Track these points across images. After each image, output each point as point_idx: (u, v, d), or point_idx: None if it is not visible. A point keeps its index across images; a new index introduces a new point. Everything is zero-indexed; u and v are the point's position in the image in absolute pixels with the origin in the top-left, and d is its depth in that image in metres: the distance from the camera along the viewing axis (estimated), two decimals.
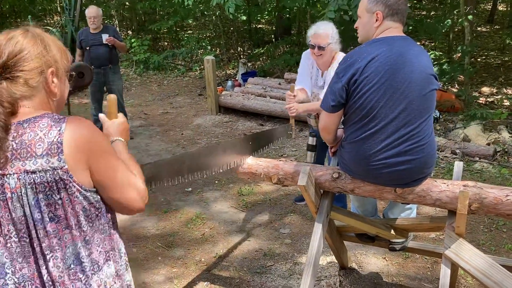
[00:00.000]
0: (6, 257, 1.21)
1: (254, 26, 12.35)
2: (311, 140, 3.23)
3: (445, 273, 2.08)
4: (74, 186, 1.20)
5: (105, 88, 6.02)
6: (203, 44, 11.53)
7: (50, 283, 1.22)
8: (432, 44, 10.28)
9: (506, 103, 7.09)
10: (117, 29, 13.67)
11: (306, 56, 3.40)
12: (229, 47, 11.74)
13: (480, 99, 7.44)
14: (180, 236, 3.63)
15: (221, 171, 2.44)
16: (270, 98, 7.24)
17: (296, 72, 3.71)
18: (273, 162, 2.51)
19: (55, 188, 1.19)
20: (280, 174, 2.45)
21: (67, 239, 1.23)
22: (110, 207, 1.34)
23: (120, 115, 1.54)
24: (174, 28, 12.02)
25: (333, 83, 2.15)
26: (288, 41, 10.40)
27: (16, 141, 1.18)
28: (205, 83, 7.41)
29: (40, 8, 15.33)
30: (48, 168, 1.17)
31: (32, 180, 1.17)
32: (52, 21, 14.36)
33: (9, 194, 1.18)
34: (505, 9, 14.04)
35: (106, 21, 14.50)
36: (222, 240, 3.56)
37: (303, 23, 10.40)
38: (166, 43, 13.05)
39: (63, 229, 1.22)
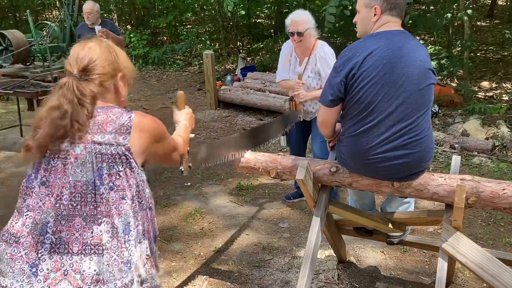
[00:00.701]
0: (52, 217, 1.34)
1: (253, 20, 12.32)
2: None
3: (442, 266, 2.09)
4: (133, 162, 1.40)
5: None
6: (202, 38, 11.51)
7: (99, 247, 1.33)
8: (432, 38, 10.27)
9: (505, 97, 7.09)
10: (116, 23, 13.63)
11: (284, 47, 3.63)
12: (228, 42, 11.72)
13: (479, 93, 7.44)
14: (179, 230, 3.65)
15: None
16: (270, 92, 7.24)
17: None
18: (272, 156, 2.52)
19: (117, 160, 1.38)
20: (279, 169, 2.46)
21: (122, 208, 1.38)
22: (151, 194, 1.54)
23: (187, 107, 1.95)
24: (173, 22, 12.00)
25: (332, 77, 2.16)
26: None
27: (91, 121, 1.40)
28: (204, 77, 7.40)
29: (39, 2, 15.28)
30: (114, 142, 1.38)
31: (98, 150, 1.37)
32: (51, 16, 14.32)
33: (71, 159, 1.36)
34: (504, 3, 14.00)
35: (105, 16, 14.45)
36: (221, 234, 3.58)
37: None
38: (165, 38, 13.02)
39: (120, 198, 1.38)
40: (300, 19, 3.34)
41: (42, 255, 1.32)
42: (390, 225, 2.56)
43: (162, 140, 1.54)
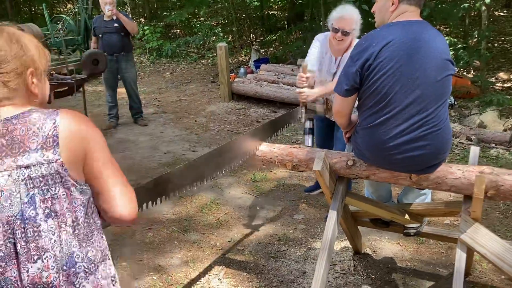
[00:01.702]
0: None
1: (266, 12, 12.26)
2: (308, 124, 3.19)
3: (460, 257, 2.09)
4: (70, 181, 1.17)
5: (119, 76, 6.06)
6: (216, 31, 11.51)
7: (39, 287, 1.15)
8: (448, 29, 10.12)
9: None
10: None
11: (320, 41, 3.27)
12: (242, 34, 11.70)
13: (497, 84, 7.33)
14: (195, 221, 3.68)
15: (240, 162, 2.50)
16: (283, 84, 7.23)
17: None
18: (287, 149, 2.52)
19: (51, 182, 1.15)
20: (295, 161, 2.46)
21: (62, 237, 1.17)
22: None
23: None
24: (187, 15, 12.00)
25: (347, 67, 2.15)
26: (300, 27, 10.31)
27: (6, 138, 1.14)
28: (218, 70, 7.41)
29: None
30: (43, 161, 1.14)
31: (26, 175, 1.13)
32: (65, 9, 14.43)
33: None
34: None
35: (119, 9, 14.52)
36: (236, 225, 3.60)
37: (316, 9, 10.29)
38: (178, 31, 13.04)
39: (60, 225, 1.17)
40: (350, 17, 3.00)
41: None
42: (406, 216, 2.55)
43: (98, 150, 1.23)
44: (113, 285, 1.32)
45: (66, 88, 5.39)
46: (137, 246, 3.32)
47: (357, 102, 2.25)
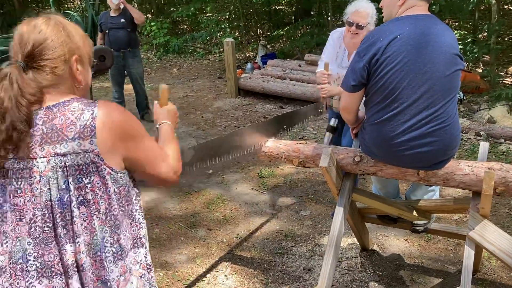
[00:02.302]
0: (29, 243, 1.20)
1: (273, 7, 12.20)
2: (333, 122, 3.18)
3: (469, 254, 2.06)
4: (105, 169, 1.21)
5: (125, 72, 6.06)
6: (223, 26, 11.47)
7: (74, 269, 1.21)
8: (457, 23, 10.02)
9: None
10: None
11: (333, 37, 3.28)
12: (249, 29, 11.66)
13: (507, 79, 7.24)
14: (201, 217, 3.68)
15: (256, 148, 2.56)
16: (290, 80, 7.20)
17: (317, 54, 3.66)
18: (293, 145, 2.50)
19: (85, 171, 1.19)
20: (301, 158, 2.44)
21: (95, 224, 1.22)
22: (139, 193, 1.37)
23: (170, 103, 1.60)
24: (194, 11, 11.98)
25: (354, 62, 2.13)
26: (308, 22, 10.25)
27: (47, 126, 1.18)
28: (225, 66, 7.39)
29: None
30: (80, 151, 1.18)
31: (63, 163, 1.18)
32: (72, 5, 14.47)
33: (37, 178, 1.18)
34: None
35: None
36: (243, 221, 3.60)
37: (324, 4, 10.23)
38: (185, 26, 13.03)
39: (92, 214, 1.21)
40: (365, 11, 3.02)
41: (30, 284, 1.20)
42: (414, 213, 2.53)
43: (136, 139, 1.28)
44: (148, 272, 1.36)
45: None
46: None
47: (364, 98, 2.23)
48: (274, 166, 4.58)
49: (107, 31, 5.81)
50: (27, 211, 1.20)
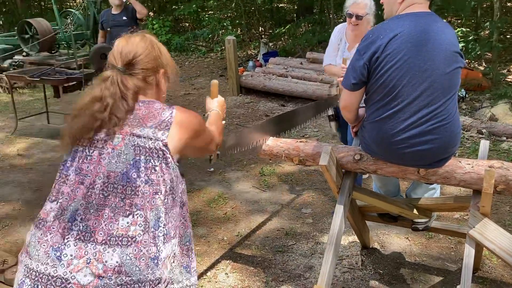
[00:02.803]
0: (82, 205, 1.34)
1: (275, 5, 12.18)
2: (331, 111, 3.35)
3: (469, 253, 2.06)
4: (169, 158, 1.40)
5: None
6: (224, 24, 11.46)
7: (124, 239, 1.32)
8: (459, 21, 9.98)
9: None
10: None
11: (336, 31, 3.44)
12: (250, 27, 11.65)
13: (509, 77, 7.22)
14: (202, 215, 3.68)
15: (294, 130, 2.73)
16: (292, 78, 7.19)
17: (318, 52, 3.70)
18: (293, 143, 2.50)
19: (155, 155, 1.37)
20: (301, 156, 2.44)
21: (155, 203, 1.36)
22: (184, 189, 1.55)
23: (219, 96, 1.91)
24: (196, 9, 11.97)
25: (355, 60, 2.12)
26: (310, 20, 10.23)
27: (132, 114, 1.41)
28: (226, 63, 7.40)
29: None
30: (152, 137, 1.38)
31: (136, 142, 1.37)
32: (74, 4, 14.47)
33: (109, 150, 1.37)
34: None
35: (128, 3, 14.49)
36: (244, 219, 3.60)
37: (325, 1, 10.21)
38: (187, 24, 13.03)
39: (154, 193, 1.36)
40: (362, 2, 3.19)
41: (68, 241, 1.31)
42: (415, 211, 2.52)
43: (201, 135, 1.54)
44: (173, 261, 1.45)
45: (75, 82, 5.41)
46: None
47: (364, 96, 2.23)
48: (275, 164, 4.58)
49: (108, 29, 5.81)
50: (89, 176, 1.36)
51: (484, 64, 7.68)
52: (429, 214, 2.62)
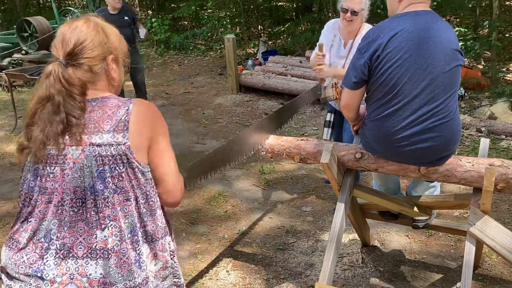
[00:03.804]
0: (54, 224, 1.28)
1: (274, 3, 12.18)
2: (329, 117, 3.27)
3: (469, 250, 2.07)
4: (134, 163, 1.29)
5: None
6: (224, 23, 11.46)
7: (105, 252, 1.28)
8: (458, 20, 9.99)
9: None
10: (137, 9, 13.66)
11: (328, 27, 3.33)
12: (249, 26, 11.64)
13: (508, 75, 7.24)
14: (203, 213, 3.69)
15: (255, 150, 2.55)
16: (291, 76, 7.20)
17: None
18: (294, 142, 2.51)
19: (119, 161, 1.27)
20: (302, 154, 2.45)
21: (127, 210, 1.30)
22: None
23: None
24: (195, 7, 11.97)
25: (356, 59, 2.13)
26: (309, 18, 10.23)
27: (85, 117, 1.28)
28: (226, 62, 7.39)
29: None
30: (113, 142, 1.26)
31: (97, 152, 1.26)
32: (73, 2, 14.45)
33: (70, 164, 1.27)
34: None
35: (126, 1, 14.47)
36: (244, 217, 3.61)
37: (324, 0, 10.21)
38: (186, 23, 13.02)
39: (124, 200, 1.29)
40: None
41: (47, 261, 1.27)
42: (415, 209, 2.54)
43: (160, 139, 1.36)
44: (171, 258, 1.42)
45: None
46: None
47: (365, 95, 2.24)
48: (275, 162, 4.58)
49: None
50: (56, 195, 1.28)
51: (483, 63, 7.70)
52: (429, 212, 2.63)
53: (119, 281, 1.28)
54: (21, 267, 1.28)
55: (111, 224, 1.28)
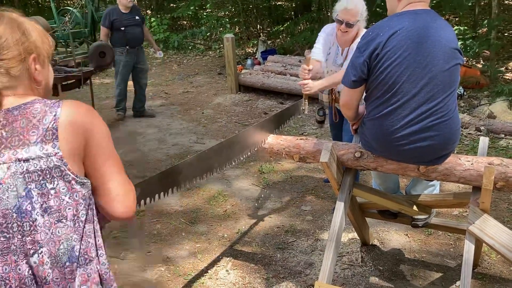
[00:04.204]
0: None
1: (273, 3, 12.18)
2: (321, 113, 3.41)
3: (469, 248, 2.07)
4: (70, 175, 1.13)
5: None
6: (223, 22, 11.46)
7: (32, 282, 1.12)
8: (457, 19, 10.00)
9: None
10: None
11: (329, 32, 3.22)
12: (249, 25, 11.64)
13: (507, 74, 7.24)
14: (203, 212, 3.69)
15: (244, 157, 2.53)
16: (290, 76, 7.20)
17: None
18: (294, 141, 2.51)
19: (49, 176, 1.11)
20: (302, 154, 2.45)
21: (61, 233, 1.14)
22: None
23: None
24: (194, 7, 11.97)
25: (355, 57, 2.13)
26: (308, 18, 10.24)
27: (6, 129, 1.11)
28: (225, 61, 7.39)
29: None
30: (42, 155, 1.10)
31: (24, 169, 1.10)
32: (72, 1, 14.43)
33: None
34: None
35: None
36: (244, 216, 3.61)
37: None
38: (185, 22, 13.01)
39: (56, 222, 1.13)
40: (354, 8, 2.93)
41: None
42: (415, 208, 2.54)
43: (99, 145, 1.18)
44: (105, 274, 1.25)
45: (73, 80, 5.40)
46: (145, 238, 3.34)
47: (364, 94, 2.24)
48: (274, 161, 4.58)
49: (122, 28, 5.79)
50: None
51: (482, 62, 7.70)
52: (428, 210, 2.63)
53: None
54: None
55: (41, 251, 1.12)
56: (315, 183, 4.14)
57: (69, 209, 1.14)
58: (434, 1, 6.53)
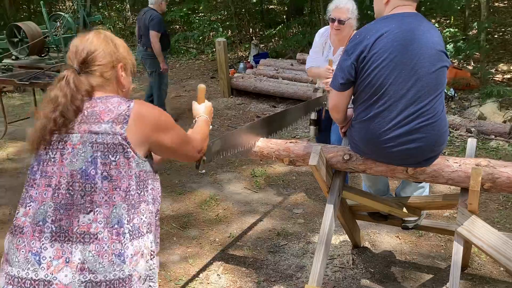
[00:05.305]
0: (50, 206, 1.36)
1: (266, 6, 12.21)
2: (314, 115, 3.41)
3: (457, 250, 2.08)
4: (130, 152, 1.38)
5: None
6: (215, 26, 11.46)
7: (86, 236, 1.33)
8: (448, 21, 10.07)
9: None
10: (129, 13, 13.63)
11: (320, 34, 3.46)
12: (241, 29, 11.65)
13: (497, 76, 7.30)
14: (194, 217, 3.68)
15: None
16: (283, 79, 7.21)
17: (308, 53, 3.72)
18: (283, 144, 2.51)
19: (112, 150, 1.37)
20: (291, 156, 2.45)
21: (115, 199, 1.36)
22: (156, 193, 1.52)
23: (206, 100, 1.89)
24: (186, 11, 11.97)
25: (343, 60, 2.14)
26: (300, 21, 10.27)
27: (88, 110, 1.41)
28: (217, 65, 7.39)
29: None
30: (110, 132, 1.37)
31: (94, 139, 1.37)
32: (64, 7, 14.39)
33: (69, 149, 1.38)
34: None
35: (117, 6, 14.47)
36: (236, 220, 3.61)
37: (316, 3, 10.24)
38: (177, 26, 13.00)
39: (113, 188, 1.36)
40: (344, 7, 3.20)
41: (44, 244, 1.33)
42: (404, 210, 2.55)
43: (166, 130, 1.49)
44: (151, 259, 1.45)
45: None
46: None
47: (352, 96, 2.25)
48: (266, 165, 4.59)
49: (163, 32, 5.75)
50: (54, 178, 1.37)
51: (472, 64, 7.76)
52: (418, 212, 2.64)
53: (99, 271, 1.31)
54: (22, 251, 1.35)
55: (97, 210, 1.34)
56: (307, 186, 4.15)
57: (123, 181, 1.38)
58: (428, 3, 6.57)
